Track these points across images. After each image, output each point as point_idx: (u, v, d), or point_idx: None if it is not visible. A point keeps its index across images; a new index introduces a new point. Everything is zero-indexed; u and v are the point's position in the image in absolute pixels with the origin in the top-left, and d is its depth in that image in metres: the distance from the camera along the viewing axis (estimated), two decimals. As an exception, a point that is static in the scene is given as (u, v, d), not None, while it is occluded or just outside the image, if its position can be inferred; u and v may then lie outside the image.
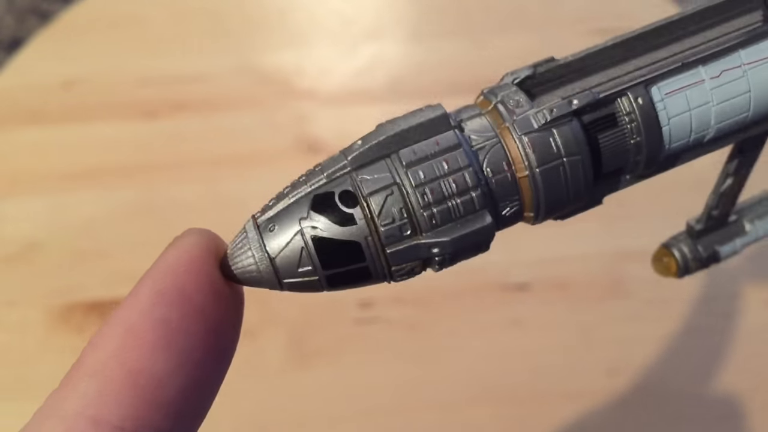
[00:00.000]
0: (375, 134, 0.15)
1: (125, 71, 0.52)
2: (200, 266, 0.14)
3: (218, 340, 0.14)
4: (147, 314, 0.14)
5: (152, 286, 0.14)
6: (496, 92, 0.15)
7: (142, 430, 0.13)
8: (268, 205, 0.15)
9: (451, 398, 0.39)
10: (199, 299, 0.14)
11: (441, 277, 0.43)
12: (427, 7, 0.56)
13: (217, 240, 0.15)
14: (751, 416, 0.38)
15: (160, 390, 0.13)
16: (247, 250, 0.15)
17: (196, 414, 0.14)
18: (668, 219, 0.46)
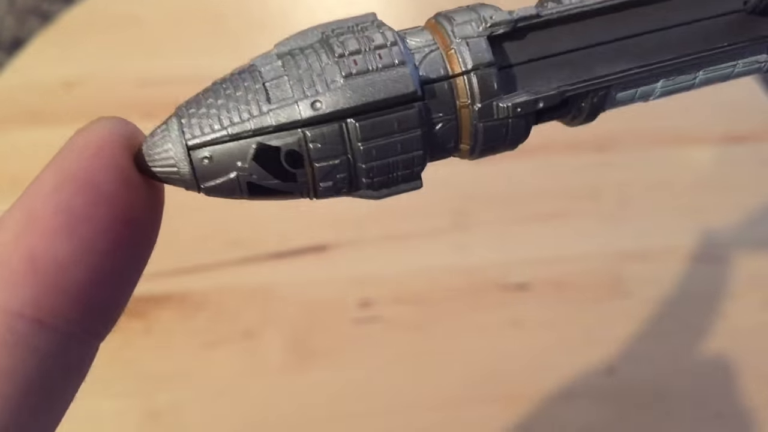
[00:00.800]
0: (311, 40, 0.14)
1: (126, 72, 0.52)
2: (109, 152, 0.14)
3: (129, 230, 0.14)
4: (49, 199, 0.13)
5: (56, 170, 0.13)
6: (454, 31, 0.15)
7: (44, 316, 0.13)
8: (200, 116, 0.14)
9: (451, 398, 0.39)
10: (105, 185, 0.13)
11: (441, 277, 0.43)
12: (427, 7, 0.56)
13: (134, 130, 0.15)
14: (750, 416, 0.38)
15: (61, 276, 0.13)
16: (167, 145, 0.14)
17: (106, 306, 0.14)
18: (668, 219, 0.46)
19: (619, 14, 0.15)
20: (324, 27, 0.15)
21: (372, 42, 0.14)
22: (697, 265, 0.43)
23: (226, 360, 0.40)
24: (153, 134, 0.14)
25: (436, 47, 0.15)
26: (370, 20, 0.15)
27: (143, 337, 0.40)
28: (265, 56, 0.15)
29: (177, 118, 0.14)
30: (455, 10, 0.15)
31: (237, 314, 0.41)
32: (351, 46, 0.14)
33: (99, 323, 0.14)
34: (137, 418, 0.38)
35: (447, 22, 0.15)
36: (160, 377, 0.40)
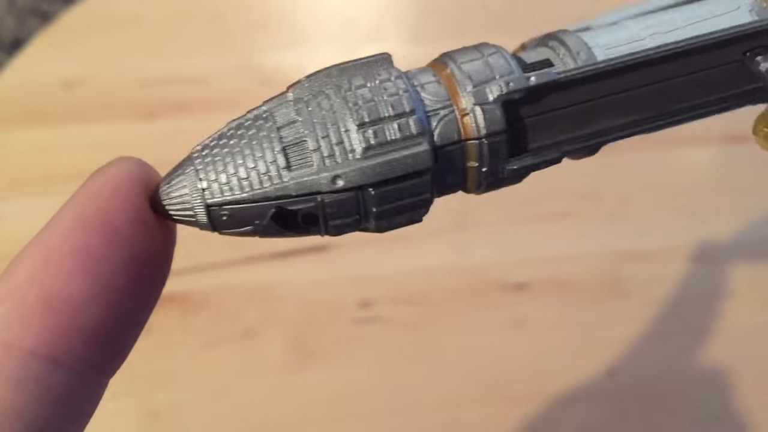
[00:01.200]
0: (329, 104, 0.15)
1: (126, 72, 0.52)
2: (126, 193, 0.14)
3: (142, 270, 0.14)
4: (66, 239, 0.13)
5: (74, 210, 0.14)
6: (471, 92, 0.15)
7: (58, 355, 0.13)
8: (218, 170, 0.14)
9: (451, 398, 0.39)
10: (122, 226, 0.14)
11: (441, 277, 0.43)
12: (427, 7, 0.56)
13: (150, 170, 0.15)
14: (750, 416, 0.38)
15: (76, 315, 0.13)
16: (184, 192, 0.14)
17: (118, 343, 0.14)
18: (668, 219, 0.46)
19: (629, 70, 0.16)
20: (340, 74, 0.15)
21: (391, 109, 0.14)
22: (697, 265, 0.43)
23: (226, 360, 0.40)
24: (170, 178, 0.15)
25: (451, 110, 0.15)
26: (386, 71, 0.15)
27: (143, 337, 0.40)
28: (281, 103, 0.15)
29: (194, 168, 0.15)
30: (467, 56, 0.15)
31: (237, 314, 0.41)
32: (371, 114, 0.14)
33: (110, 361, 0.14)
34: (137, 418, 0.38)
35: (463, 77, 0.15)
36: (159, 377, 0.39)
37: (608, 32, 0.17)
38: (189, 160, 0.15)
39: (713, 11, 0.17)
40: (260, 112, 0.15)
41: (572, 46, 0.16)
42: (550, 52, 0.16)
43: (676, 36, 0.16)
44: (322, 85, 0.15)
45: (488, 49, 0.16)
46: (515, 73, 0.15)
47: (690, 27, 0.16)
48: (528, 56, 0.16)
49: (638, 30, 0.16)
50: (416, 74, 0.16)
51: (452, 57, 0.16)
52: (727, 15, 0.17)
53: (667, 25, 0.16)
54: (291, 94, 0.15)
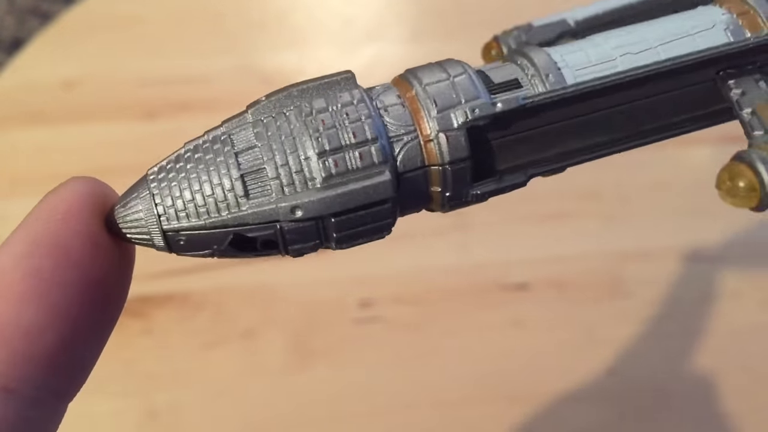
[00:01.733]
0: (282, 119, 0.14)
1: (126, 72, 0.52)
2: (78, 214, 0.14)
3: (98, 293, 0.14)
4: (17, 264, 0.13)
5: (26, 234, 0.13)
6: (435, 117, 0.15)
7: (11, 383, 0.13)
8: (174, 195, 0.14)
9: (451, 398, 0.39)
10: (75, 249, 0.13)
11: (441, 277, 0.43)
12: (427, 7, 0.56)
13: (106, 190, 0.15)
14: (749, 416, 0.38)
15: (29, 343, 0.13)
16: (139, 215, 0.14)
17: (76, 368, 0.14)
18: (668, 219, 0.46)
19: (599, 94, 0.16)
20: (300, 95, 0.15)
21: (353, 136, 0.14)
22: (696, 265, 0.43)
23: (226, 360, 0.40)
24: (126, 200, 0.14)
25: (415, 135, 0.15)
26: (349, 93, 0.15)
27: (143, 337, 0.40)
28: (241, 126, 0.15)
29: (149, 192, 0.14)
30: (432, 76, 0.15)
31: (237, 314, 0.41)
32: (332, 142, 0.14)
33: (67, 386, 0.14)
34: (136, 418, 0.38)
35: (427, 101, 0.15)
36: (159, 377, 0.39)
37: (578, 50, 0.16)
38: (144, 182, 0.14)
39: (687, 29, 0.16)
40: (218, 133, 0.15)
41: (541, 66, 0.15)
42: (518, 71, 0.16)
43: (648, 57, 0.16)
44: (282, 107, 0.15)
45: (454, 68, 0.15)
46: (481, 97, 0.15)
47: (663, 47, 0.16)
48: (496, 74, 0.16)
49: (609, 49, 0.16)
50: (380, 94, 0.15)
51: (417, 76, 0.15)
52: (702, 34, 0.16)
53: (640, 45, 0.16)
54: (250, 115, 0.15)
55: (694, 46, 0.16)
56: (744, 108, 0.15)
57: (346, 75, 0.15)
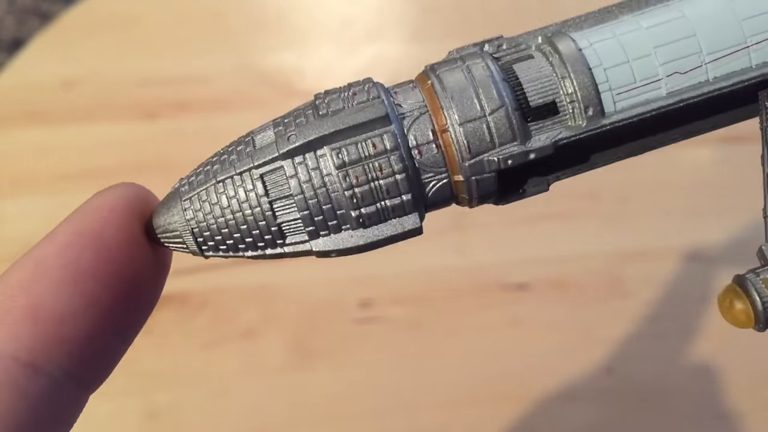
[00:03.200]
0: (307, 137, 0.14)
1: (126, 72, 0.52)
2: (121, 215, 0.14)
3: (130, 290, 0.14)
4: (59, 253, 0.14)
5: (70, 226, 0.14)
6: (468, 160, 0.15)
7: (39, 362, 0.13)
8: (201, 201, 0.15)
9: (451, 398, 0.39)
10: (114, 246, 0.14)
11: (441, 277, 0.43)
12: (427, 7, 0.56)
13: (148, 196, 0.15)
14: (749, 416, 0.38)
15: (60, 326, 0.13)
16: (174, 222, 0.15)
17: (101, 359, 0.15)
18: (668, 219, 0.46)
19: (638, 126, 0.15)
20: (333, 135, 0.15)
21: (381, 182, 0.14)
22: (696, 265, 0.43)
23: (226, 360, 0.40)
24: (160, 208, 0.15)
25: (446, 176, 0.15)
26: (378, 125, 0.14)
27: (143, 337, 0.40)
28: (263, 128, 0.15)
29: (180, 198, 0.15)
30: (469, 112, 0.14)
31: (237, 314, 0.41)
32: (366, 199, 0.14)
33: (91, 375, 0.15)
34: (137, 418, 0.38)
35: (461, 144, 0.14)
36: (159, 377, 0.39)
37: (619, 57, 0.15)
38: (176, 190, 0.15)
39: (738, 24, 0.15)
40: (243, 136, 0.15)
41: (582, 95, 0.14)
42: (556, 85, 0.15)
43: (696, 76, 0.15)
44: (312, 132, 0.15)
45: (490, 100, 0.14)
46: (516, 141, 0.14)
47: (713, 64, 0.15)
48: (531, 87, 0.15)
49: (655, 61, 0.15)
50: (414, 122, 0.15)
51: (452, 104, 0.14)
52: (756, 36, 0.15)
53: (689, 60, 0.15)
54: (272, 124, 0.15)
55: (747, 60, 0.15)
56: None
57: (379, 108, 0.14)
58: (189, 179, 0.15)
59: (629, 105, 0.15)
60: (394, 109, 0.15)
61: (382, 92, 0.15)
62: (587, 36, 0.15)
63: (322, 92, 0.15)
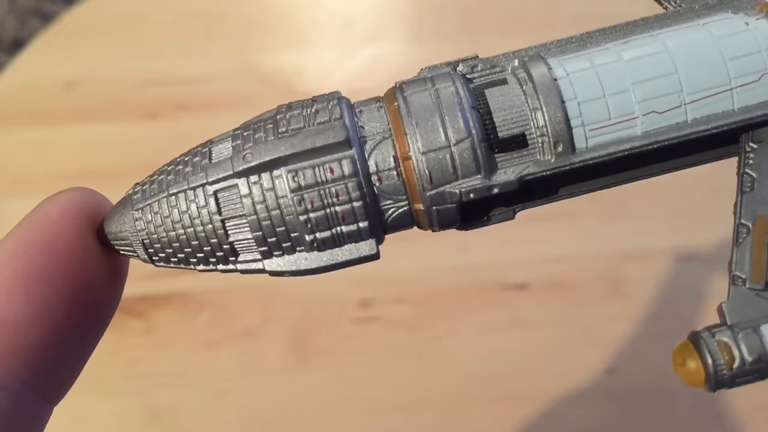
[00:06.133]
0: (268, 148, 0.14)
1: (127, 72, 0.52)
2: (72, 220, 0.14)
3: (86, 296, 0.14)
4: (9, 262, 0.13)
5: (18, 234, 0.14)
6: (430, 190, 0.14)
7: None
8: (153, 213, 0.14)
9: (450, 398, 0.39)
10: (65, 252, 0.14)
11: (441, 277, 0.43)
12: (427, 7, 0.56)
13: (101, 201, 0.15)
14: (748, 416, 0.38)
15: (14, 337, 0.13)
16: (124, 229, 0.15)
17: (62, 369, 0.14)
18: (667, 219, 0.46)
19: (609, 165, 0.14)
20: (290, 157, 0.14)
21: (337, 208, 0.14)
22: (694, 264, 0.43)
23: (226, 360, 0.40)
24: (112, 215, 0.15)
25: (407, 204, 0.14)
26: (337, 149, 0.14)
27: (143, 336, 0.41)
28: (221, 138, 0.15)
29: (132, 207, 0.15)
30: (433, 142, 0.14)
31: (237, 314, 0.42)
32: (318, 217, 0.14)
33: (53, 386, 0.14)
34: (137, 418, 0.38)
35: (423, 173, 0.14)
36: (160, 377, 0.40)
37: (595, 91, 0.14)
38: (129, 197, 0.15)
39: (723, 66, 0.14)
40: (201, 145, 0.15)
41: (552, 130, 0.14)
42: (527, 116, 0.14)
43: (674, 117, 0.14)
44: (264, 129, 0.14)
45: (456, 131, 0.14)
46: (480, 174, 0.14)
47: (692, 105, 0.14)
48: (499, 115, 0.14)
49: (632, 98, 0.14)
50: (377, 146, 0.14)
51: (415, 130, 0.14)
52: (740, 78, 0.14)
53: (668, 99, 0.14)
54: (231, 130, 0.15)
55: (729, 103, 0.14)
56: (747, 185, 0.15)
57: (339, 129, 0.14)
58: (143, 187, 0.15)
59: (602, 143, 0.14)
60: (357, 131, 0.14)
61: (345, 112, 0.14)
62: (565, 64, 0.14)
63: (285, 104, 0.15)
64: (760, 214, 0.15)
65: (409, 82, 0.15)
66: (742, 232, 0.15)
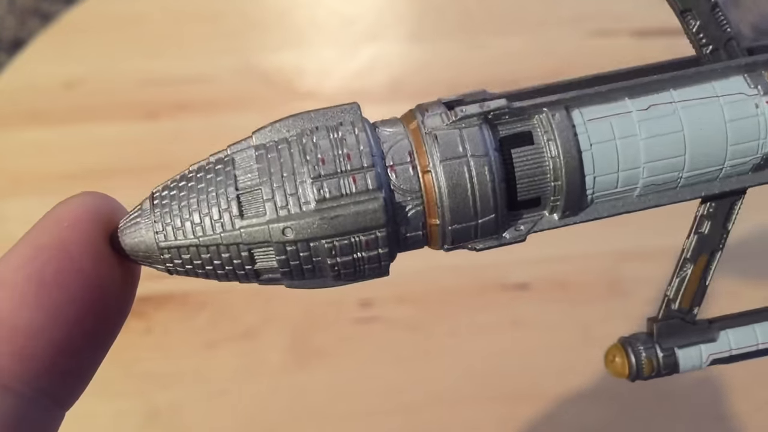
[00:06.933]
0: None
1: (126, 72, 0.52)
2: (84, 226, 0.14)
3: (98, 301, 0.14)
4: (21, 267, 0.13)
5: (31, 239, 0.14)
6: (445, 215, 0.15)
7: (7, 380, 0.13)
8: (173, 214, 0.14)
9: (450, 398, 0.39)
10: (77, 257, 0.14)
11: (441, 277, 0.43)
12: (427, 7, 0.56)
13: (114, 206, 0.15)
14: (748, 416, 0.38)
15: (26, 342, 0.13)
16: (140, 234, 0.14)
17: (74, 374, 0.14)
18: (667, 219, 0.46)
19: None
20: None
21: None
22: (696, 265, 0.43)
23: (226, 360, 0.40)
24: (128, 219, 0.15)
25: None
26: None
27: (143, 337, 0.41)
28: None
29: (151, 214, 0.15)
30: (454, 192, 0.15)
31: (237, 314, 0.42)
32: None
33: (64, 391, 0.14)
34: (137, 418, 0.38)
35: (448, 229, 0.15)
36: (160, 377, 0.40)
37: (611, 167, 0.15)
38: (147, 212, 0.15)
39: (724, 144, 0.16)
40: (222, 155, 0.15)
41: (566, 201, 0.15)
42: (547, 184, 0.15)
43: (667, 186, 0.16)
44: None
45: (485, 212, 0.15)
46: (496, 234, 0.16)
47: (688, 177, 0.16)
48: (526, 164, 0.15)
49: (640, 174, 0.15)
50: (408, 224, 0.15)
51: (447, 214, 0.15)
52: (735, 160, 0.16)
53: (668, 176, 0.16)
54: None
55: (715, 176, 0.16)
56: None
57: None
58: (162, 191, 0.15)
59: (602, 205, 0.16)
60: (391, 197, 0.14)
61: (382, 179, 0.14)
62: (590, 131, 0.15)
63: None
64: (703, 253, 0.19)
65: (443, 141, 0.15)
66: (685, 266, 0.19)
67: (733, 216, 0.18)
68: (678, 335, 0.19)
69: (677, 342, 0.19)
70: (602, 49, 0.51)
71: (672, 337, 0.19)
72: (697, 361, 0.20)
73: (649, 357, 0.19)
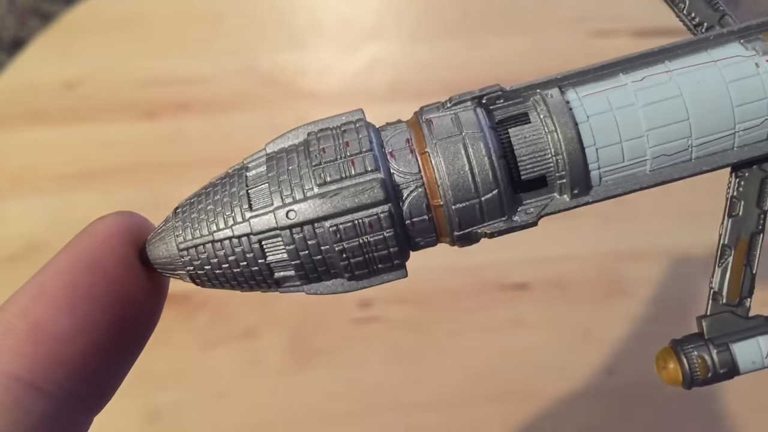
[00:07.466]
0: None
1: (127, 72, 0.52)
2: (116, 241, 0.15)
3: (128, 311, 0.15)
4: (58, 276, 0.14)
5: (68, 252, 0.15)
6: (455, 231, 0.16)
7: (41, 382, 0.14)
8: (194, 230, 0.15)
9: (450, 398, 0.39)
10: (109, 269, 0.15)
11: (441, 277, 0.43)
12: (426, 7, 0.56)
13: (143, 223, 0.16)
14: (748, 417, 0.38)
15: (61, 346, 0.14)
16: (163, 249, 0.16)
17: (102, 379, 0.15)
18: (666, 219, 0.46)
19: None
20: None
21: (375, 254, 0.15)
22: (694, 264, 0.43)
23: (226, 360, 0.40)
24: (154, 236, 0.16)
25: (435, 239, 0.16)
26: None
27: (143, 336, 0.40)
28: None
29: (173, 227, 0.16)
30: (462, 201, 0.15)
31: (237, 314, 0.42)
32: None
33: (93, 396, 0.15)
34: (137, 418, 0.38)
35: (452, 208, 0.15)
36: (160, 377, 0.40)
37: (613, 137, 0.15)
38: (170, 230, 0.16)
39: (730, 110, 0.15)
40: (238, 166, 0.16)
41: (571, 176, 0.15)
42: (550, 159, 0.15)
43: (680, 157, 0.16)
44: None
45: (486, 186, 0.15)
46: (504, 216, 0.16)
47: (698, 148, 0.15)
48: (525, 142, 0.15)
49: (645, 143, 0.15)
50: (411, 205, 0.15)
51: (449, 192, 0.15)
52: (745, 123, 0.15)
53: (677, 144, 0.15)
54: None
55: (730, 143, 0.15)
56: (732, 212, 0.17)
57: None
58: (183, 207, 0.16)
59: (613, 181, 0.16)
60: (391, 178, 0.15)
61: (381, 163, 0.15)
62: (585, 103, 0.15)
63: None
64: (741, 237, 0.17)
65: (438, 124, 0.15)
66: (725, 253, 0.18)
67: (767, 194, 0.17)
68: (731, 331, 0.17)
69: (731, 337, 0.17)
70: (602, 49, 0.51)
71: (725, 334, 0.17)
72: (757, 356, 0.18)
73: (701, 355, 0.17)
